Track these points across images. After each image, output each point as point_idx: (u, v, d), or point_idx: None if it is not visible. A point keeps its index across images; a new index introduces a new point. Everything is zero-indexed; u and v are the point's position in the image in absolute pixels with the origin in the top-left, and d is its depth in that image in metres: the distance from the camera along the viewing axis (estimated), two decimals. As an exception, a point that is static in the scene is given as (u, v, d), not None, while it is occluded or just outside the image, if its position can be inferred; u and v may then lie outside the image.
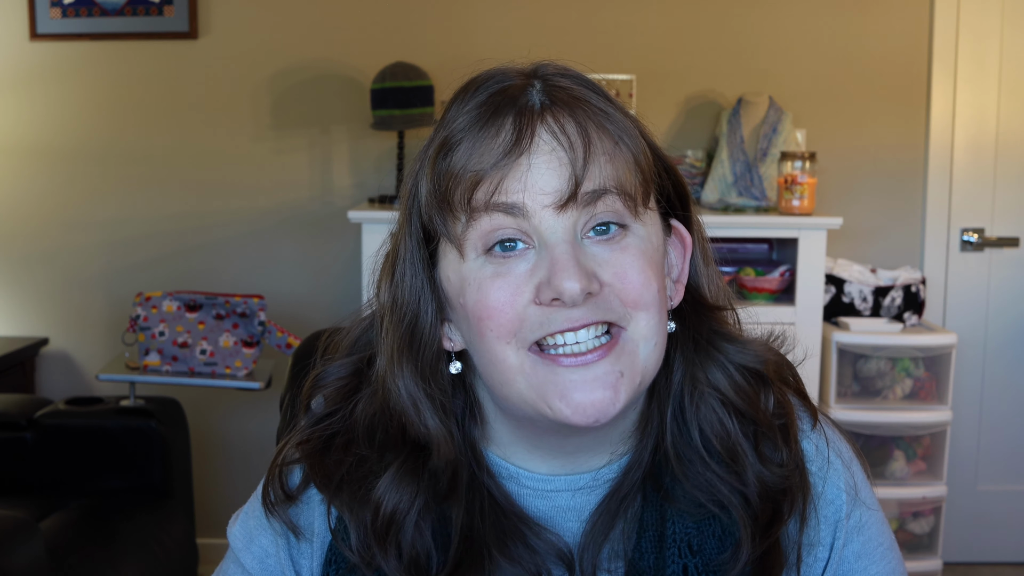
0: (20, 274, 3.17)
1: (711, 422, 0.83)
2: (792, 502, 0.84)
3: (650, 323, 0.78)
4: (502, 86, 0.79)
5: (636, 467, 0.85)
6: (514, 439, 0.86)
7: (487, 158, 0.76)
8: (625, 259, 0.78)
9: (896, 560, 0.91)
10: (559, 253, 0.75)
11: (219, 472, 3.18)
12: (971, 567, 3.24)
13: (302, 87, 3.11)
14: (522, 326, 0.77)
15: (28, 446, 2.54)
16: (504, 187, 0.76)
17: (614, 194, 0.77)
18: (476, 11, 3.08)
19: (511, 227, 0.77)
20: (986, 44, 3.14)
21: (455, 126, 0.78)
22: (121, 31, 3.07)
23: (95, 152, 3.13)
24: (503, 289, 0.77)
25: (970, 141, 3.18)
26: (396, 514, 0.82)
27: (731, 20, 3.12)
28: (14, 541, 1.89)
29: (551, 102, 0.78)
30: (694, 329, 0.85)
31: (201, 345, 2.61)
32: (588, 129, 0.77)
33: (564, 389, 0.76)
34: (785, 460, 0.84)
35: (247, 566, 0.90)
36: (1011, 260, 3.23)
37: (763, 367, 0.86)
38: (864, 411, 2.84)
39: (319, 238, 3.14)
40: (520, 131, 0.76)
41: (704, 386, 0.84)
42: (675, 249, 0.86)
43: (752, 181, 2.90)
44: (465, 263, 0.79)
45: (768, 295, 2.80)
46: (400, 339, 0.82)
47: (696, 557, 0.82)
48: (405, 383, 0.82)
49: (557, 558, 0.83)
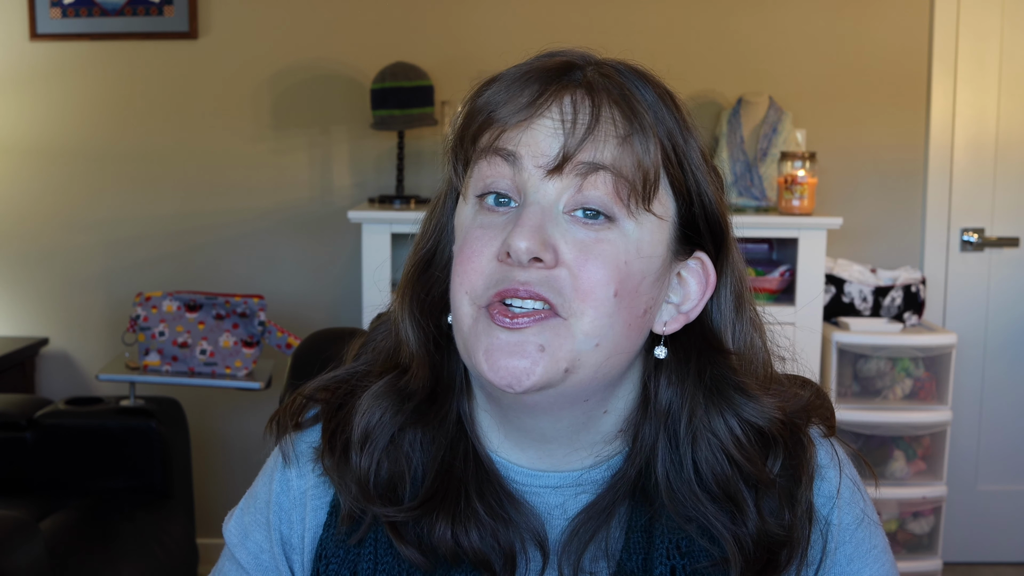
0: (20, 274, 3.17)
1: (710, 463, 0.82)
2: (791, 554, 0.82)
3: (594, 323, 0.77)
4: (564, 59, 0.82)
5: (623, 482, 0.84)
6: (493, 423, 0.87)
7: (504, 108, 0.79)
8: (595, 248, 0.77)
9: (889, 564, 0.89)
10: (529, 213, 0.77)
11: (219, 472, 3.18)
12: (971, 567, 3.24)
13: (302, 87, 3.11)
14: (481, 280, 0.78)
15: (28, 446, 2.54)
16: (505, 138, 0.79)
17: (610, 173, 0.77)
18: (476, 11, 3.08)
19: (507, 178, 0.79)
20: (986, 44, 3.14)
21: (504, 72, 0.82)
22: (121, 31, 3.07)
23: (95, 152, 3.13)
24: (479, 240, 0.79)
25: (970, 141, 3.18)
26: (371, 425, 0.85)
27: (731, 20, 3.12)
28: (14, 541, 1.89)
29: (588, 80, 0.80)
30: (699, 366, 0.83)
31: (201, 345, 2.61)
32: (601, 112, 0.78)
33: (489, 346, 0.77)
34: (788, 521, 0.82)
35: (242, 562, 0.91)
36: (1011, 260, 3.23)
37: (768, 426, 0.83)
38: (864, 411, 2.84)
39: (319, 238, 3.14)
40: (544, 93, 0.79)
41: (703, 427, 0.82)
42: (697, 282, 0.83)
43: (752, 181, 2.90)
44: (465, 206, 0.82)
45: (768, 295, 2.80)
46: (415, 266, 0.87)
47: (684, 559, 0.82)
48: (408, 310, 0.86)
49: (533, 540, 0.83)
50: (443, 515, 0.82)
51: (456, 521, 0.82)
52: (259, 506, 0.92)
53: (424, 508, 0.82)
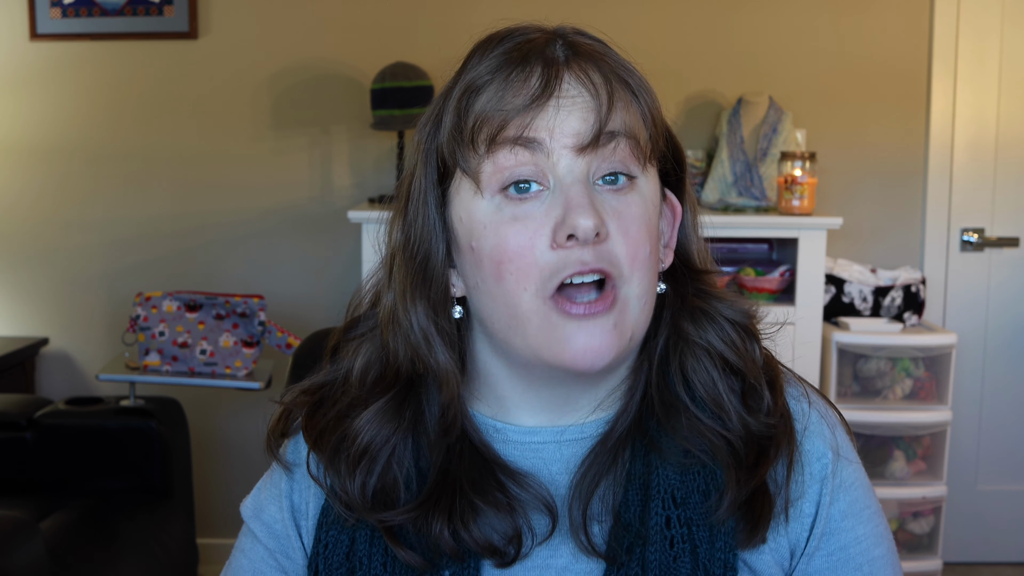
0: (20, 274, 3.17)
1: (698, 372, 0.86)
2: (778, 447, 0.85)
3: (642, 283, 0.81)
4: (526, 38, 0.83)
5: (623, 417, 0.87)
6: (506, 391, 0.88)
7: (518, 100, 0.79)
8: (629, 214, 0.81)
9: (884, 526, 0.90)
10: (575, 192, 0.79)
11: (219, 472, 3.18)
12: (971, 567, 3.24)
13: (302, 87, 3.11)
14: (540, 273, 0.79)
15: (28, 446, 2.54)
16: (531, 128, 0.79)
17: (628, 140, 0.81)
18: (476, 11, 3.08)
19: (529, 164, 0.79)
20: (986, 44, 3.14)
21: (481, 69, 0.82)
22: (121, 31, 3.07)
23: (95, 152, 3.13)
24: (522, 233, 0.79)
25: (970, 141, 3.18)
26: (371, 447, 0.86)
27: (731, 20, 3.12)
28: (14, 541, 1.89)
29: (574, 54, 0.82)
30: (681, 287, 0.88)
31: (201, 345, 2.61)
32: (611, 79, 0.81)
33: (568, 335, 0.80)
34: (771, 408, 0.86)
35: (257, 533, 0.94)
36: (1011, 260, 3.23)
37: (750, 322, 0.89)
38: (864, 411, 2.84)
39: (319, 238, 3.14)
40: (548, 78, 0.80)
41: (692, 338, 0.86)
42: (665, 216, 0.89)
43: (752, 181, 2.90)
44: (482, 200, 0.81)
45: (768, 295, 2.80)
46: (413, 275, 0.85)
47: (679, 509, 0.83)
48: (418, 318, 0.85)
49: (541, 505, 0.85)
50: (440, 514, 0.83)
51: (453, 518, 0.83)
52: (274, 480, 0.95)
53: (420, 510, 0.83)
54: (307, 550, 0.92)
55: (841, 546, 0.87)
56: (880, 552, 0.88)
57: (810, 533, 0.87)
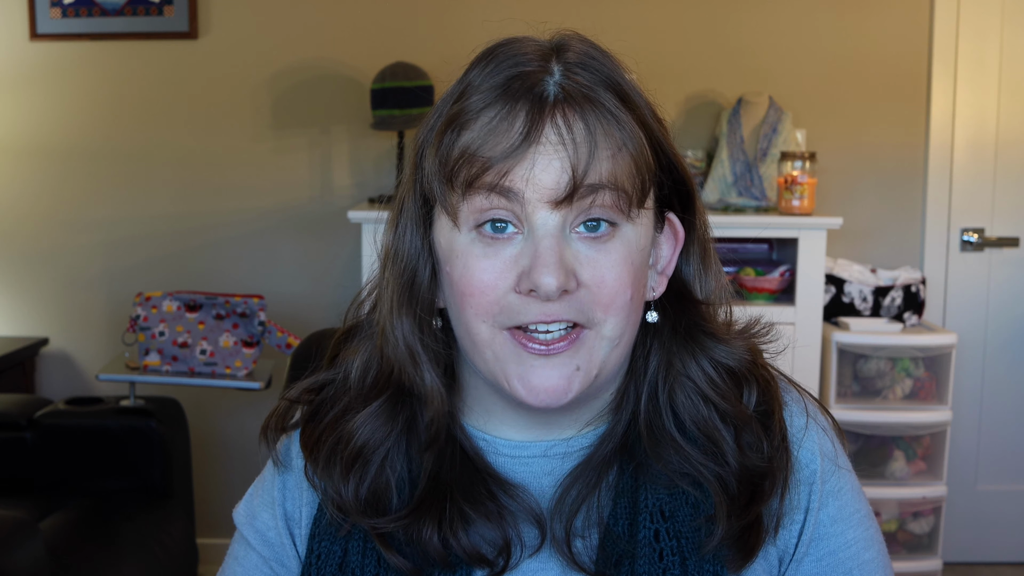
0: (20, 274, 3.17)
1: (687, 407, 0.85)
2: (773, 482, 0.84)
3: (616, 327, 0.80)
4: (520, 70, 0.80)
5: (609, 439, 0.86)
6: (490, 405, 0.88)
7: (499, 148, 0.77)
8: (606, 262, 0.79)
9: (874, 529, 0.90)
10: (543, 248, 0.77)
11: (219, 472, 3.18)
12: (971, 567, 3.24)
13: (302, 87, 3.11)
14: (500, 311, 0.79)
15: (28, 446, 2.54)
16: (509, 177, 0.78)
17: (610, 191, 0.78)
18: (476, 11, 3.08)
19: (504, 208, 0.78)
20: (986, 44, 3.14)
21: (469, 104, 0.79)
22: (121, 31, 3.07)
23: (95, 152, 3.13)
24: (488, 272, 0.79)
25: (970, 141, 3.18)
26: (365, 448, 0.86)
27: (731, 20, 3.12)
28: (14, 541, 1.89)
29: (564, 96, 0.79)
30: (675, 318, 0.87)
31: (201, 345, 2.61)
32: (595, 131, 0.78)
33: (523, 372, 0.80)
34: (767, 451, 0.84)
35: (250, 540, 0.94)
36: (1011, 260, 3.23)
37: (740, 366, 0.87)
38: (864, 411, 2.84)
39: (319, 238, 3.14)
40: (531, 125, 0.78)
41: (680, 374, 0.85)
42: (667, 241, 0.87)
43: (752, 181, 2.90)
44: (458, 234, 0.81)
45: (768, 295, 2.80)
46: (400, 290, 0.85)
47: (668, 522, 0.83)
48: (404, 333, 0.85)
49: (530, 518, 0.84)
50: (430, 521, 0.83)
51: (443, 525, 0.83)
52: (266, 487, 0.95)
53: (411, 517, 0.83)
54: (302, 558, 0.91)
55: (831, 551, 0.87)
56: (870, 556, 0.88)
57: (799, 539, 0.87)
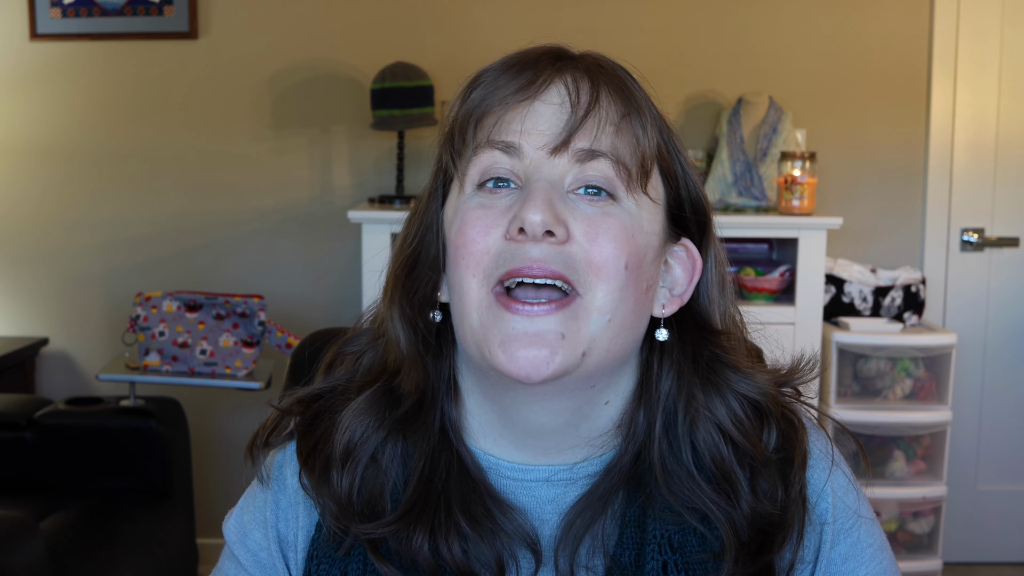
0: (20, 274, 3.17)
1: (707, 444, 0.82)
2: (785, 536, 0.82)
3: (608, 297, 0.77)
4: (546, 47, 0.83)
5: (616, 469, 0.83)
6: (488, 421, 0.85)
7: (499, 95, 0.79)
8: (603, 223, 0.78)
9: (888, 560, 0.89)
10: (534, 189, 0.77)
11: (219, 472, 3.18)
12: (971, 567, 3.24)
13: (302, 87, 3.11)
14: (490, 260, 0.78)
15: (28, 446, 2.54)
16: (504, 125, 0.79)
17: (609, 160, 0.79)
18: (476, 11, 3.08)
19: (505, 166, 0.79)
20: (986, 44, 3.14)
21: (489, 66, 0.83)
22: (121, 31, 3.07)
23: (95, 152, 3.13)
24: (481, 220, 0.79)
25: (970, 141, 3.18)
26: (352, 442, 0.84)
27: (731, 20, 3.12)
28: (14, 541, 1.89)
29: (578, 65, 0.82)
30: (695, 349, 0.84)
31: (201, 345, 2.61)
32: (601, 93, 0.80)
33: (506, 336, 0.76)
34: (781, 499, 0.82)
35: (241, 560, 0.91)
36: (1011, 260, 3.23)
37: (764, 400, 0.84)
38: (864, 411, 2.84)
39: (319, 238, 3.14)
40: (537, 77, 0.79)
41: (702, 408, 0.83)
42: (682, 265, 0.86)
43: (752, 181, 2.90)
44: (463, 196, 0.81)
45: (768, 295, 2.80)
46: (402, 265, 0.85)
47: (676, 554, 0.81)
48: (397, 309, 0.85)
49: (525, 543, 0.82)
50: (421, 528, 0.81)
51: (435, 534, 0.81)
52: (257, 504, 0.92)
53: (402, 522, 0.81)
54: None
55: None
56: None
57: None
